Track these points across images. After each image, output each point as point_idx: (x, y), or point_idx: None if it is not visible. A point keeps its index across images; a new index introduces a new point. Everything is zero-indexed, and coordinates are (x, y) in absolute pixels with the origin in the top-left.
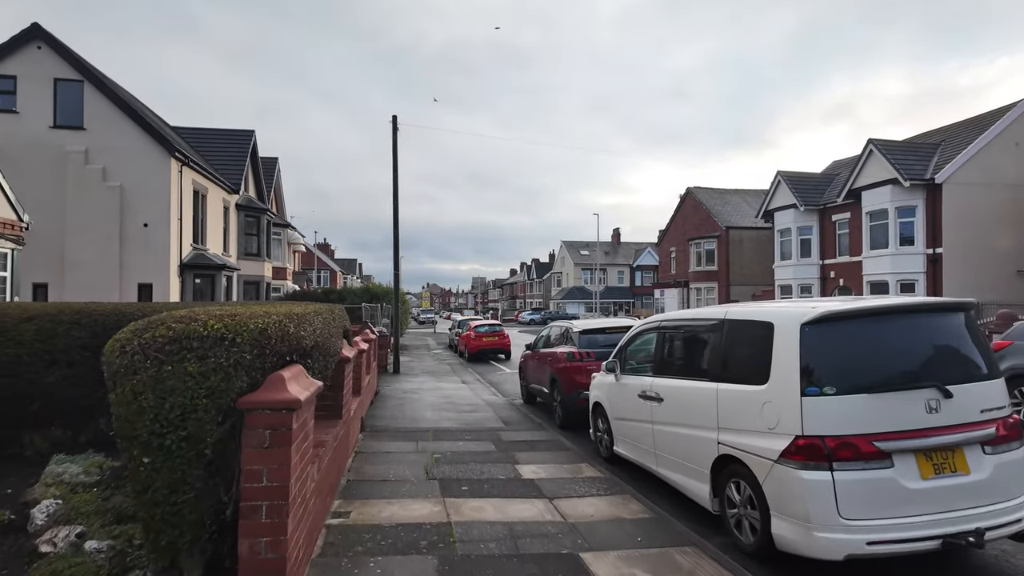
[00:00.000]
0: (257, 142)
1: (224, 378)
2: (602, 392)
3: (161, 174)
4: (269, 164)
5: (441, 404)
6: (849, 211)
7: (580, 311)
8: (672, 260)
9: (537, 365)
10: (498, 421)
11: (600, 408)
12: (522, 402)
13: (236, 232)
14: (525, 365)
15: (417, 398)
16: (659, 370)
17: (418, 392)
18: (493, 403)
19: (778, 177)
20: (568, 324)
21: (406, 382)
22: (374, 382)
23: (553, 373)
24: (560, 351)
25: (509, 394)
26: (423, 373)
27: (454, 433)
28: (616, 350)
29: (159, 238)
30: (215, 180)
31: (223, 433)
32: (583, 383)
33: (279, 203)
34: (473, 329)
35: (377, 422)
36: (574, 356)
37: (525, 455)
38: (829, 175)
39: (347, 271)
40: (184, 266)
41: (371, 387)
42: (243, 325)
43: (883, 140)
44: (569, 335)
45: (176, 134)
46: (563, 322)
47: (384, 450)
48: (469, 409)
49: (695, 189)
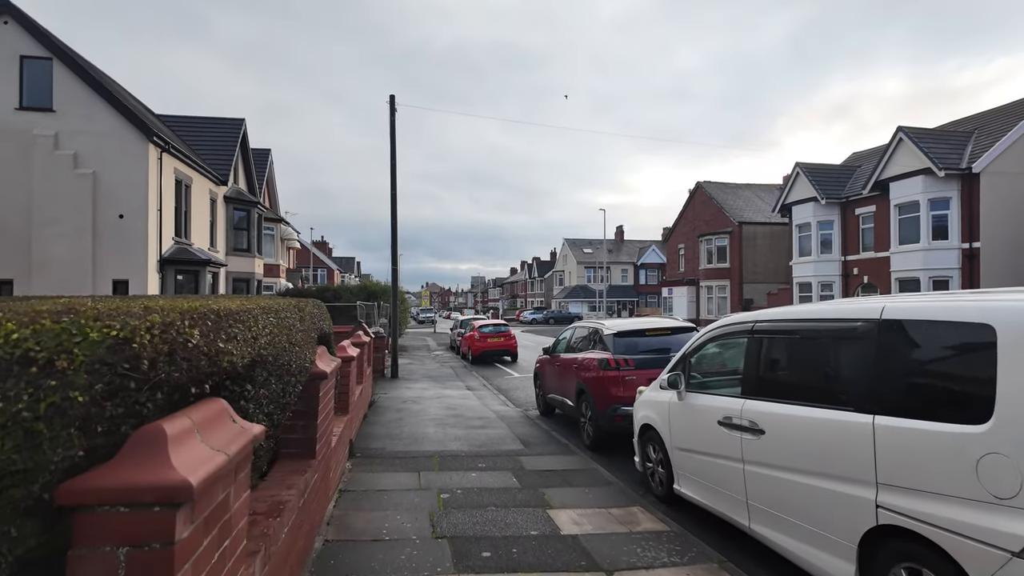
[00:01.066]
0: (247, 131)
1: (19, 442)
2: (656, 413)
3: (138, 161)
4: (261, 156)
5: (446, 417)
6: (874, 204)
7: (583, 310)
8: (681, 257)
9: (558, 373)
10: (515, 440)
11: (652, 433)
12: (538, 414)
13: (224, 226)
14: (542, 372)
15: (418, 409)
16: (756, 390)
17: (419, 401)
18: (505, 415)
19: (796, 169)
20: (597, 325)
21: (405, 389)
22: (368, 391)
23: (581, 383)
24: (590, 357)
25: (522, 403)
26: (424, 378)
27: (464, 459)
28: (677, 359)
29: (136, 231)
30: (201, 170)
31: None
32: (620, 397)
33: (272, 197)
34: (477, 329)
35: (370, 443)
36: (608, 364)
37: (558, 493)
38: (850, 167)
39: (345, 270)
40: (164, 261)
41: (364, 398)
42: (80, 331)
43: (913, 128)
44: (600, 338)
45: (160, 122)
46: (589, 322)
47: (377, 486)
48: (479, 424)
49: (705, 183)
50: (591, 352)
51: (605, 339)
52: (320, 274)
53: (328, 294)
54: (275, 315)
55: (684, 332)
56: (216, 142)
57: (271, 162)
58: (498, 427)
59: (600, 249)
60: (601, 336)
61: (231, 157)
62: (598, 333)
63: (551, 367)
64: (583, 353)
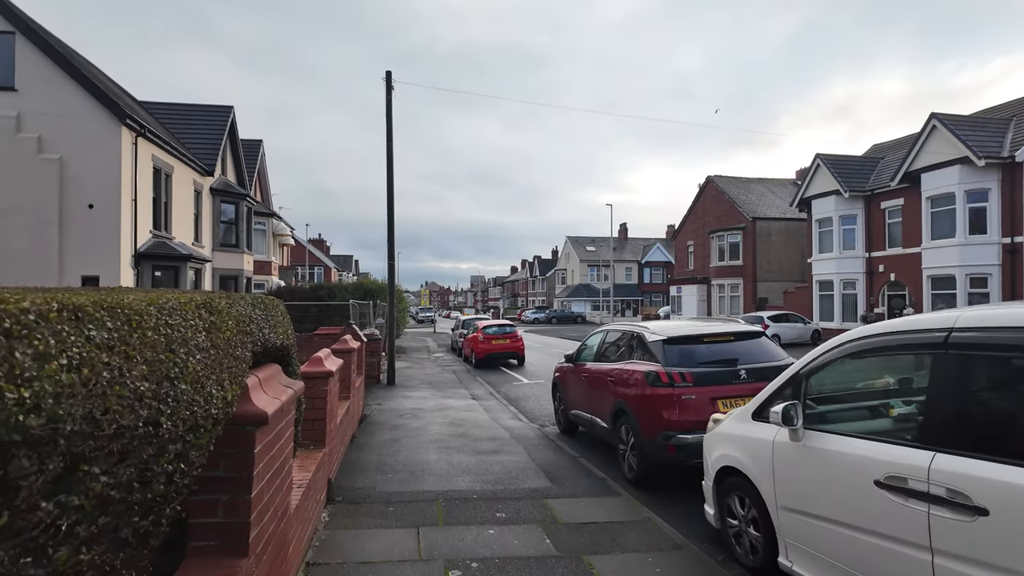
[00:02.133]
0: (236, 120)
1: None
2: (747, 454)
3: (110, 145)
4: (252, 147)
5: (450, 437)
6: (903, 197)
7: (586, 310)
8: (690, 255)
9: (586, 386)
10: (538, 473)
11: (738, 480)
12: (558, 431)
13: (210, 220)
14: (563, 382)
15: (417, 426)
16: (959, 439)
17: (418, 415)
18: (520, 433)
19: (817, 160)
20: (637, 329)
21: (403, 398)
22: (358, 406)
23: (620, 402)
24: (631, 369)
25: (536, 416)
26: (423, 384)
27: (477, 505)
28: (785, 380)
29: (108, 222)
30: (184, 158)
31: None
32: (675, 422)
33: (264, 191)
34: (481, 330)
35: (356, 479)
36: (659, 379)
37: (610, 566)
38: (873, 158)
39: (343, 268)
40: (140, 256)
41: (352, 416)
42: None
43: (948, 114)
44: (644, 345)
45: (142, 108)
46: (625, 325)
47: (360, 555)
48: (490, 447)
49: (716, 178)
50: (632, 363)
51: (651, 347)
52: (317, 272)
53: (322, 292)
54: (124, 328)
55: (751, 338)
56: (202, 130)
57: (263, 153)
58: (514, 451)
59: (604, 247)
60: (645, 343)
61: (218, 146)
62: (640, 339)
63: (575, 378)
64: (620, 363)
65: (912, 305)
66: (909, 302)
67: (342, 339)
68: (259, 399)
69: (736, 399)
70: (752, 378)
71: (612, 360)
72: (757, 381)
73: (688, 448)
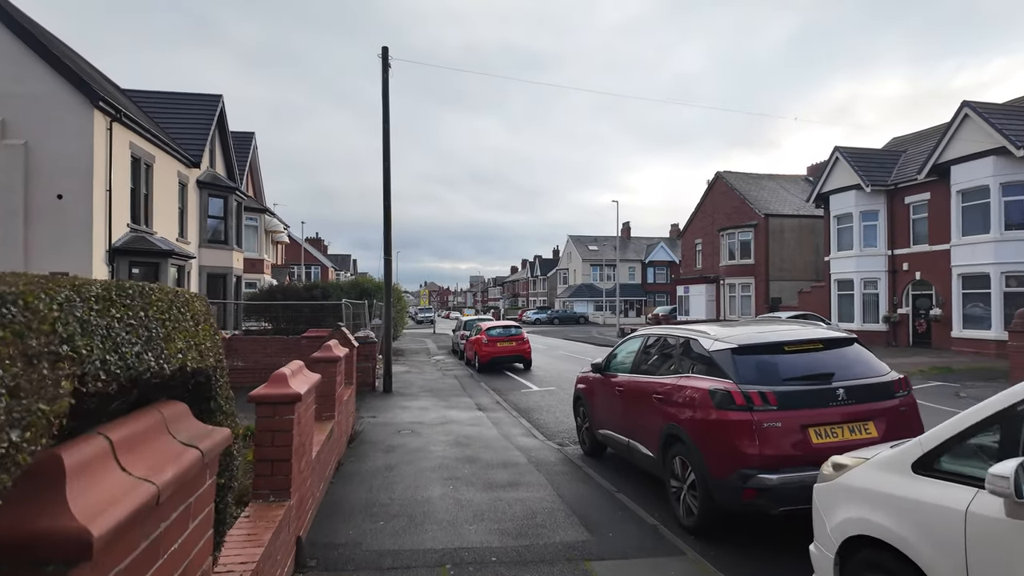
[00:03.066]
0: (226, 110)
1: None
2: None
3: (81, 131)
4: (244, 139)
5: (456, 462)
6: (929, 191)
7: (589, 310)
8: (698, 253)
9: (621, 402)
10: (569, 517)
11: (892, 560)
12: (581, 452)
13: (197, 214)
14: (589, 396)
15: (417, 447)
16: None
17: (418, 431)
18: (538, 456)
19: (835, 154)
20: (691, 334)
21: (400, 409)
22: (346, 423)
23: (674, 427)
24: (689, 386)
25: (553, 432)
26: (423, 392)
27: (496, 570)
28: (988, 416)
29: (79, 214)
30: (167, 148)
31: None
32: (756, 457)
33: (256, 186)
34: (485, 332)
35: (338, 530)
36: (731, 400)
37: None
38: (894, 151)
39: (341, 267)
40: (116, 251)
41: (337, 441)
42: None
43: (981, 103)
44: (703, 355)
45: (123, 95)
46: (675, 329)
47: None
48: (506, 478)
49: (725, 173)
50: (688, 377)
51: (716, 357)
52: (314, 272)
53: (316, 292)
54: None
55: (843, 346)
56: (188, 120)
57: (255, 146)
58: (535, 484)
59: (606, 246)
60: (704, 352)
61: (205, 136)
62: (695, 347)
63: (605, 392)
64: (669, 377)
65: (940, 305)
66: (936, 302)
67: (325, 345)
68: (83, 499)
69: (834, 426)
70: (853, 399)
71: (658, 372)
72: (860, 402)
73: (774, 492)
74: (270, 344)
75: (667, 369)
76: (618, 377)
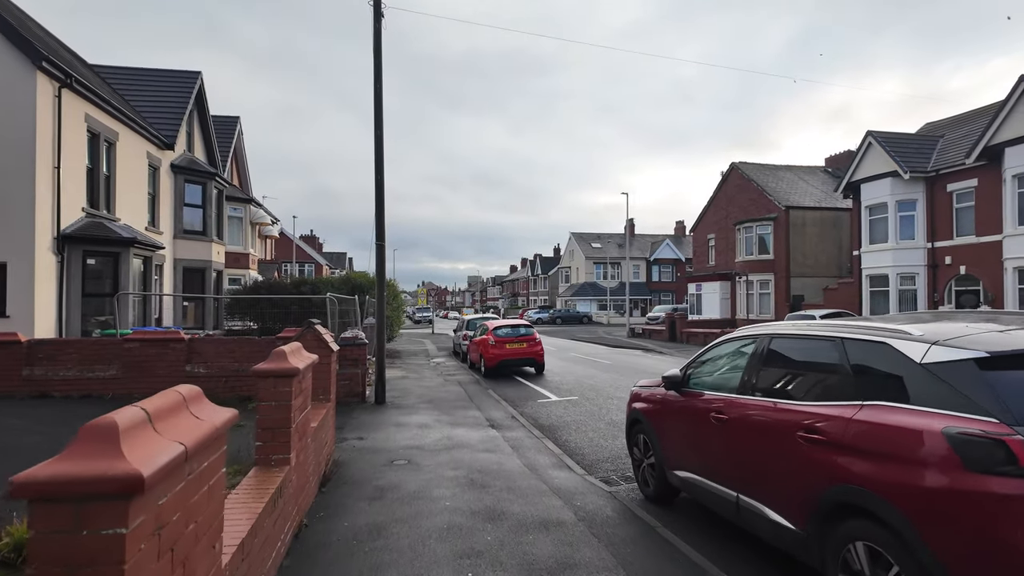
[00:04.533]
0: (205, 89)
1: None
2: None
3: (19, 95)
4: (227, 124)
5: (473, 520)
6: (976, 177)
7: (593, 309)
8: (711, 249)
9: (725, 435)
10: None
11: None
12: (641, 495)
13: (171, 201)
14: (657, 419)
15: (415, 493)
16: None
17: (417, 461)
18: (588, 509)
19: (868, 139)
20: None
21: (394, 427)
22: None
23: (860, 493)
24: (892, 422)
25: (592, 461)
26: (423, 403)
27: None
28: None
29: (18, 195)
30: (134, 125)
31: None
32: None
33: (242, 175)
34: (492, 332)
35: None
36: (1006, 455)
37: None
38: (930, 136)
39: (336, 265)
40: (66, 239)
41: (296, 494)
42: None
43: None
44: (911, 367)
45: (89, 70)
46: (835, 326)
47: None
48: (552, 557)
49: (741, 164)
50: (882, 408)
51: (943, 372)
52: (308, 270)
53: (305, 288)
54: None
55: None
56: (161, 97)
57: (240, 131)
58: (597, 565)
59: (610, 243)
60: (918, 362)
61: (180, 115)
62: (892, 354)
63: (688, 418)
64: (834, 404)
65: (989, 302)
66: (985, 299)
67: (277, 352)
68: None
69: None
70: None
71: (804, 395)
72: None
73: None
74: (240, 347)
75: (824, 391)
76: (712, 397)
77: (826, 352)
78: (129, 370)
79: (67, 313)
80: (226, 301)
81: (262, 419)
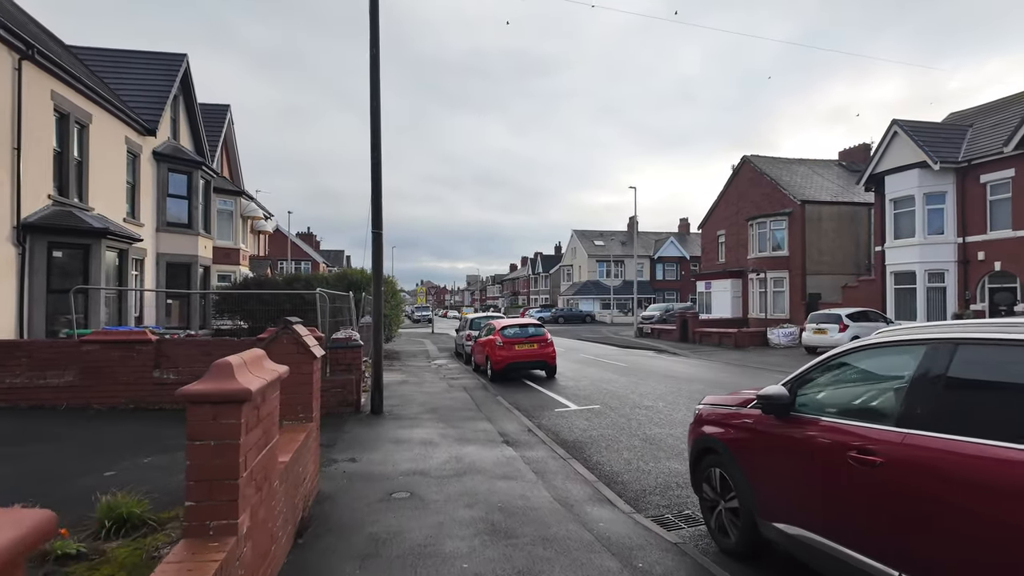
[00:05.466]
0: (191, 72)
1: None
2: None
3: None
4: (217, 112)
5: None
6: (1013, 167)
7: (595, 308)
8: (721, 246)
9: (878, 487)
10: None
11: None
12: (714, 543)
13: (153, 191)
14: (746, 452)
15: (421, 546)
16: None
17: (421, 495)
18: (653, 565)
19: (894, 127)
20: None
21: (393, 445)
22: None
23: None
24: None
25: (636, 492)
26: (426, 413)
27: None
28: None
29: None
30: (111, 108)
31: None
32: None
33: (233, 166)
34: (500, 332)
35: None
36: None
37: None
38: (959, 126)
39: (333, 263)
40: (29, 228)
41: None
42: None
43: None
44: None
45: (66, 51)
46: None
47: None
48: None
49: (753, 157)
50: None
51: None
52: (304, 267)
53: (297, 285)
54: None
55: None
56: (143, 80)
57: (230, 119)
58: None
59: (613, 241)
60: None
61: (163, 100)
62: None
63: (801, 455)
64: None
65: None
66: (1023, 297)
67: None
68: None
69: None
70: None
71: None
72: None
73: None
74: (217, 349)
75: None
76: (845, 427)
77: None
78: (87, 376)
79: (29, 311)
80: (214, 299)
81: (193, 467)
